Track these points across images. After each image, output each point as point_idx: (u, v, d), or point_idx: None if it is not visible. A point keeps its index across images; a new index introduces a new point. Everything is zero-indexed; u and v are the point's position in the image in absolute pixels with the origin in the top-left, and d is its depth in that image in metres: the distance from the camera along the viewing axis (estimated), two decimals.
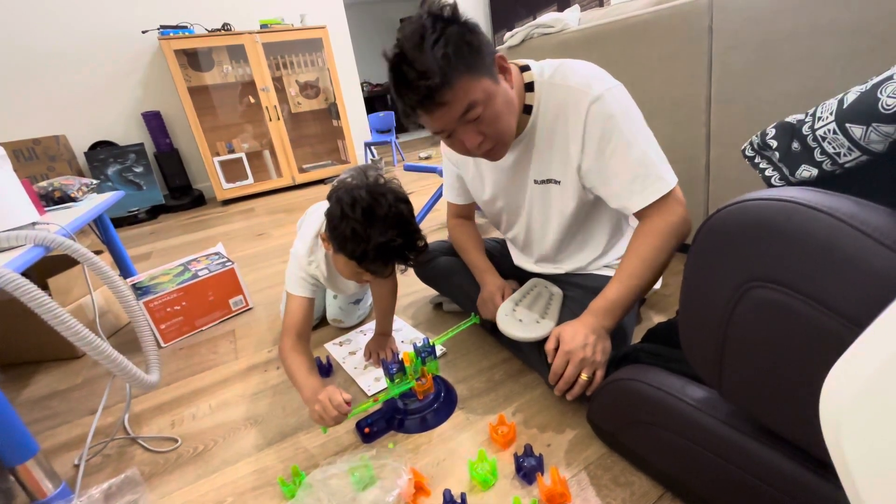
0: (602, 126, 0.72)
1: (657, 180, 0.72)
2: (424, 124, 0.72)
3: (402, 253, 0.80)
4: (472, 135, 0.71)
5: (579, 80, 0.74)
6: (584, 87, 0.73)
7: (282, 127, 3.25)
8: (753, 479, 0.50)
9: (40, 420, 1.03)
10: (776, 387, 0.42)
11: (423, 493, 0.70)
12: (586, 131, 0.73)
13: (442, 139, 0.76)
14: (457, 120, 0.69)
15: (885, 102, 0.40)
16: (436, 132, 0.73)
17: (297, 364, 0.86)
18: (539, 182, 0.85)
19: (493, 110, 0.70)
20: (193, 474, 0.82)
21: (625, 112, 0.73)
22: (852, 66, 0.84)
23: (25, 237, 0.80)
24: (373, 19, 6.39)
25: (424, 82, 0.63)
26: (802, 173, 0.50)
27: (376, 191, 0.78)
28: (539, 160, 0.83)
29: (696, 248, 0.46)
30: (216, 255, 1.51)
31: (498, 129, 0.72)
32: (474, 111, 0.68)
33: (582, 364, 0.70)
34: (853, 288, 0.34)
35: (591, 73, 0.75)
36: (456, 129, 0.71)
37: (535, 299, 0.90)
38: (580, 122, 0.73)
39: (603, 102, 0.72)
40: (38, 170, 2.73)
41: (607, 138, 0.72)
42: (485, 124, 0.70)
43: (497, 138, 0.73)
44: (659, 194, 0.72)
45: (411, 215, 0.82)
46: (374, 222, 0.76)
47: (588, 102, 0.72)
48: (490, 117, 0.70)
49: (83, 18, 2.92)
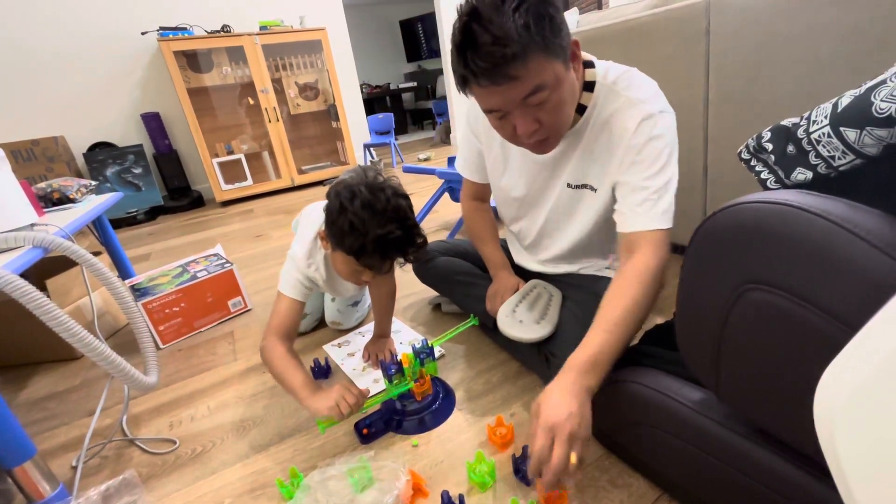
0: (646, 141, 0.70)
1: (663, 214, 0.70)
2: (478, 98, 0.67)
3: (401, 246, 0.79)
4: (529, 121, 0.66)
5: (640, 94, 0.72)
6: (642, 101, 0.71)
7: (281, 128, 3.25)
8: (750, 480, 0.50)
9: (38, 421, 1.03)
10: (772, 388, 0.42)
11: (422, 495, 0.70)
12: (630, 144, 0.72)
13: (490, 118, 0.71)
14: (520, 100, 0.63)
15: (878, 106, 0.40)
16: (489, 109, 0.67)
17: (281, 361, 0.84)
18: (573, 186, 0.83)
19: (559, 98, 0.65)
20: (192, 476, 0.82)
21: (668, 140, 0.71)
22: (848, 69, 0.85)
23: (24, 238, 0.80)
24: (372, 21, 6.40)
25: (500, 49, 0.57)
26: (797, 176, 0.50)
27: (375, 186, 0.79)
28: (579, 164, 0.80)
29: (693, 250, 0.47)
30: (215, 256, 1.51)
31: (557, 120, 0.68)
32: (540, 94, 0.63)
33: (571, 441, 0.55)
34: (846, 290, 0.34)
35: (654, 92, 0.73)
36: (512, 111, 0.65)
37: (534, 300, 0.91)
38: (627, 134, 0.72)
39: (653, 121, 0.70)
40: (36, 171, 2.73)
41: (645, 154, 0.71)
42: (546, 112, 0.65)
43: (553, 130, 0.69)
44: (659, 226, 0.69)
45: (410, 210, 0.81)
46: (372, 215, 0.76)
47: (641, 117, 0.70)
48: (553, 105, 0.65)
49: (82, 19, 2.92)
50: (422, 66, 6.75)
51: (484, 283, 1.04)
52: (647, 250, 0.68)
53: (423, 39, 6.40)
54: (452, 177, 1.85)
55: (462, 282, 1.10)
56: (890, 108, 0.39)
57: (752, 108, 1.02)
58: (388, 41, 6.66)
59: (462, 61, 0.61)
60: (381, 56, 6.68)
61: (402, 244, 0.79)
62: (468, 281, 1.09)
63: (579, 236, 0.88)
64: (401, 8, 6.37)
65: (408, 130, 6.73)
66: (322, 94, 3.57)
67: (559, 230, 0.91)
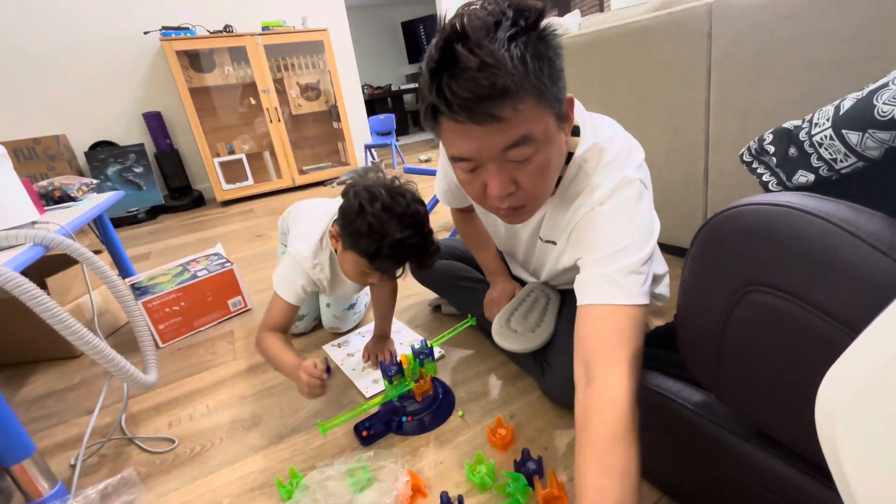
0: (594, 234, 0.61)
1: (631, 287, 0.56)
2: (447, 139, 0.54)
3: (417, 252, 0.80)
4: (506, 180, 0.54)
5: (599, 179, 0.62)
6: (598, 186, 0.62)
7: (282, 128, 3.25)
8: (750, 482, 0.50)
9: (37, 420, 1.03)
10: (773, 391, 0.42)
11: (421, 496, 0.70)
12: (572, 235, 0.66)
13: (457, 169, 0.58)
14: (499, 151, 0.51)
15: (880, 109, 0.40)
16: (459, 157, 0.54)
17: (275, 346, 0.87)
18: (544, 241, 0.78)
19: (545, 160, 0.54)
20: (190, 475, 0.82)
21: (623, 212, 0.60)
22: (849, 72, 0.85)
23: (25, 236, 0.80)
24: (374, 22, 6.41)
25: (487, 76, 0.46)
26: (799, 179, 0.50)
27: (395, 190, 0.80)
28: (548, 223, 0.73)
29: (694, 252, 0.47)
30: (215, 255, 1.51)
31: (537, 186, 0.57)
32: (525, 148, 0.51)
33: None
34: (849, 293, 0.34)
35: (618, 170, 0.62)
36: (486, 164, 0.54)
37: (531, 307, 0.90)
38: (572, 224, 0.66)
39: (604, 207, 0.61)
40: (38, 169, 2.73)
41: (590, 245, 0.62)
42: (526, 174, 0.54)
43: (530, 198, 0.58)
44: (627, 300, 0.55)
45: (426, 217, 0.82)
46: (391, 218, 0.76)
47: (590, 205, 0.62)
48: (537, 167, 0.54)
49: (85, 19, 2.93)
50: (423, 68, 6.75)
51: (483, 286, 1.04)
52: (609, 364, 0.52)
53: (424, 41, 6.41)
54: None
55: (461, 286, 1.09)
56: (892, 110, 0.39)
57: (754, 110, 1.02)
58: (389, 42, 6.67)
59: (435, 87, 0.48)
60: (383, 57, 6.69)
61: (417, 250, 0.80)
62: (467, 285, 1.08)
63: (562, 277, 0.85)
64: (403, 9, 6.39)
65: (409, 131, 6.74)
66: (323, 94, 3.57)
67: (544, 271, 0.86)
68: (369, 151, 3.91)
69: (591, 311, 0.57)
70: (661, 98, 1.20)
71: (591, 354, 0.55)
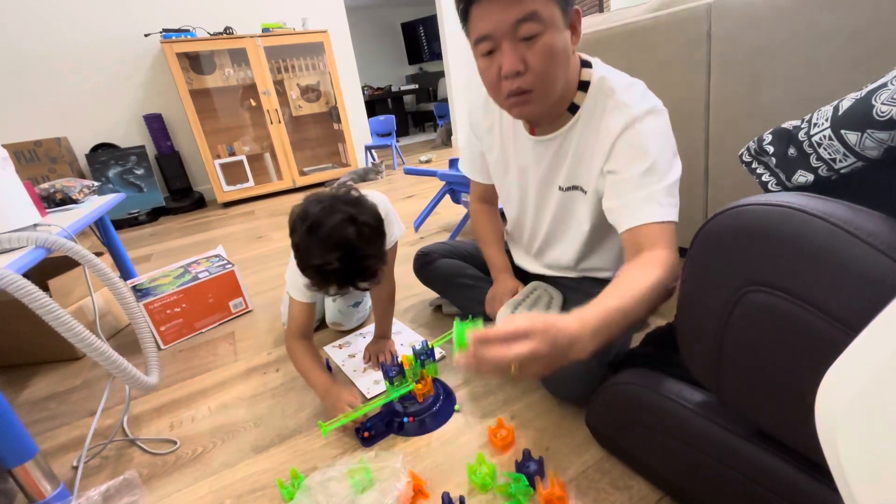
0: (629, 145, 0.69)
1: (666, 205, 0.66)
2: (473, 26, 0.66)
3: (341, 278, 0.76)
4: (516, 57, 0.64)
5: (627, 97, 0.71)
6: (627, 104, 0.70)
7: (283, 130, 3.26)
8: (751, 482, 0.50)
9: (39, 421, 1.03)
10: (773, 390, 0.42)
11: (422, 496, 0.70)
12: (613, 147, 0.71)
13: (479, 58, 0.69)
14: (512, 24, 0.62)
15: (879, 109, 0.40)
16: (481, 37, 0.65)
17: (306, 364, 0.93)
18: (564, 189, 0.81)
19: (549, 43, 0.63)
20: (192, 476, 0.82)
21: (657, 135, 0.69)
22: (849, 72, 0.85)
23: (27, 238, 0.80)
24: (374, 23, 6.42)
25: None
26: (799, 179, 0.50)
27: (331, 208, 0.76)
28: (571, 165, 0.79)
29: (694, 252, 0.47)
30: (216, 257, 1.52)
31: (545, 68, 0.65)
32: (533, 24, 0.61)
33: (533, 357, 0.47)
34: (848, 292, 0.34)
35: (641, 94, 0.72)
36: (502, 44, 0.64)
37: (534, 302, 0.91)
38: (611, 138, 0.71)
39: (639, 124, 0.69)
40: (39, 171, 2.74)
41: (630, 157, 0.69)
42: (534, 53, 0.64)
43: (538, 81, 0.66)
44: (664, 217, 0.65)
45: (362, 239, 0.76)
46: (316, 242, 0.74)
47: (626, 120, 0.69)
48: (542, 48, 0.63)
49: (86, 21, 2.94)
50: (423, 69, 6.76)
51: (484, 285, 1.05)
52: (658, 246, 0.64)
53: (424, 42, 6.42)
54: (454, 179, 1.85)
55: (462, 284, 1.10)
56: (891, 110, 0.39)
57: (754, 110, 1.02)
58: (389, 43, 6.68)
59: None
60: (383, 58, 6.70)
61: (342, 276, 0.76)
62: (468, 284, 1.09)
63: (580, 243, 0.87)
64: (402, 10, 6.39)
65: (409, 132, 6.74)
66: (324, 96, 3.58)
67: (560, 237, 0.90)
68: (369, 152, 3.91)
69: (640, 229, 0.66)
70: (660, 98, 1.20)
71: (642, 247, 0.65)
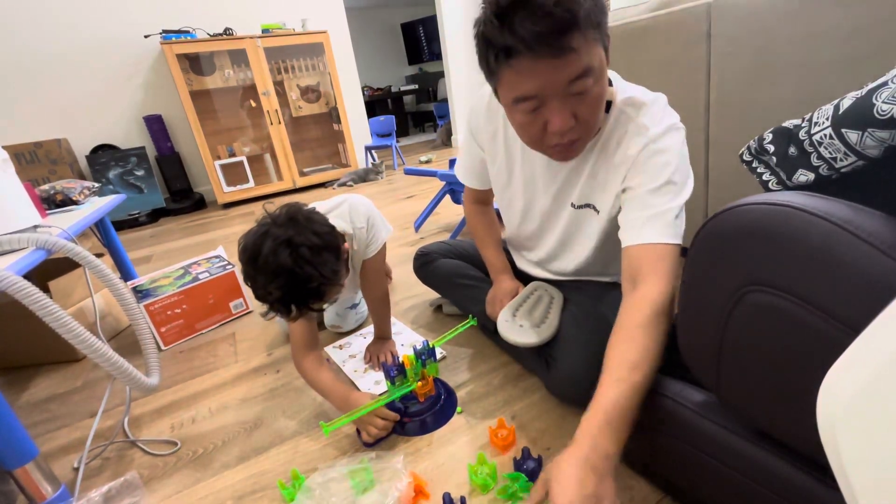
0: (644, 166, 0.66)
1: (670, 227, 0.63)
2: (514, 81, 0.58)
3: (288, 303, 0.75)
4: (567, 114, 0.59)
5: (647, 119, 0.67)
6: (647, 126, 0.66)
7: (283, 130, 3.26)
8: (752, 482, 0.50)
9: (40, 423, 1.03)
10: (773, 390, 0.42)
11: (423, 497, 0.70)
12: (631, 169, 0.68)
13: (518, 113, 0.62)
14: (565, 84, 0.56)
15: (880, 108, 0.40)
16: (524, 97, 0.58)
17: (320, 381, 0.88)
18: (577, 206, 0.79)
19: (600, 91, 0.59)
20: (193, 478, 0.82)
21: (672, 155, 0.65)
22: (849, 71, 0.85)
23: (27, 240, 0.80)
24: (374, 24, 6.42)
25: (563, 11, 0.50)
26: (799, 178, 0.50)
27: (265, 234, 0.74)
28: (585, 184, 0.76)
29: (694, 252, 0.47)
30: (216, 258, 1.52)
31: (593, 117, 0.62)
32: (586, 80, 0.56)
33: None
34: (848, 292, 0.34)
35: (661, 114, 0.68)
36: (550, 101, 0.58)
37: (535, 303, 0.91)
38: (629, 162, 0.68)
39: (656, 145, 0.66)
40: (39, 173, 2.74)
41: (645, 177, 0.66)
42: (585, 105, 0.59)
43: (585, 130, 0.63)
44: (665, 239, 0.62)
45: (300, 262, 0.73)
46: (255, 272, 0.74)
47: (643, 143, 0.66)
48: (594, 98, 0.59)
49: (86, 22, 2.94)
50: (423, 69, 6.76)
51: (484, 285, 1.05)
52: (653, 277, 0.61)
53: (424, 42, 6.42)
54: (454, 179, 1.85)
55: (462, 284, 1.10)
56: (891, 109, 0.39)
57: (754, 110, 1.02)
58: (389, 44, 6.68)
59: (507, 27, 0.52)
60: (383, 59, 6.70)
61: (286, 302, 0.75)
62: (468, 283, 1.09)
63: (586, 256, 0.85)
64: (402, 11, 6.39)
65: (409, 133, 6.74)
66: (324, 96, 3.58)
67: (567, 251, 0.88)
68: (369, 153, 3.91)
69: (644, 248, 0.64)
70: None
71: (640, 271, 0.63)
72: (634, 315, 0.58)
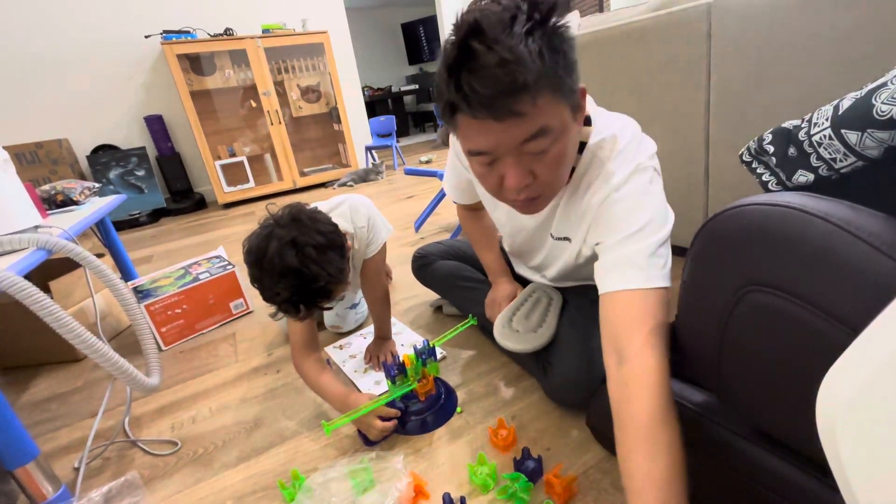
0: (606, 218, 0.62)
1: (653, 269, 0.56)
2: (464, 135, 0.55)
3: (295, 303, 0.75)
4: (523, 172, 0.56)
5: (614, 165, 0.62)
6: (613, 171, 0.62)
7: (283, 131, 3.26)
8: (751, 482, 0.50)
9: (40, 423, 1.03)
10: (773, 390, 0.42)
11: (423, 497, 0.70)
12: (593, 222, 0.65)
13: (474, 163, 0.59)
14: (517, 144, 0.53)
15: (879, 109, 0.40)
16: (477, 151, 0.56)
17: (319, 383, 0.87)
18: (556, 238, 0.78)
19: (560, 150, 0.55)
20: (193, 477, 0.82)
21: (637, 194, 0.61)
22: (849, 71, 0.85)
23: (28, 240, 0.80)
24: (374, 24, 6.42)
25: (507, 72, 0.46)
26: (799, 178, 0.50)
27: (270, 235, 0.74)
28: (559, 220, 0.74)
29: (694, 253, 0.47)
30: (217, 258, 1.52)
31: (553, 176, 0.58)
32: (542, 140, 0.52)
33: None
34: (848, 292, 0.34)
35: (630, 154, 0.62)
36: (504, 157, 0.55)
37: (533, 306, 0.90)
38: (591, 213, 0.65)
39: (617, 193, 0.61)
40: (40, 173, 2.74)
41: (609, 227, 0.62)
42: (543, 164, 0.56)
43: (546, 187, 0.60)
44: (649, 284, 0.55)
45: (306, 261, 0.73)
46: (261, 274, 0.74)
47: (606, 192, 0.62)
48: (553, 158, 0.55)
49: (86, 23, 2.94)
50: (423, 69, 6.76)
51: (483, 286, 1.04)
52: (636, 337, 0.53)
53: (424, 42, 6.42)
54: None
55: (461, 286, 1.10)
56: (891, 110, 0.39)
57: (754, 110, 1.02)
58: (389, 44, 6.68)
59: (454, 84, 0.49)
60: (383, 59, 6.70)
61: (295, 302, 0.75)
62: (467, 285, 1.09)
63: (571, 276, 0.86)
64: (402, 11, 6.40)
65: (409, 133, 6.74)
66: (324, 96, 3.58)
67: (558, 264, 0.86)
68: (370, 153, 3.91)
69: (615, 297, 0.57)
70: (660, 98, 1.20)
71: (620, 336, 0.55)
72: (640, 408, 0.50)
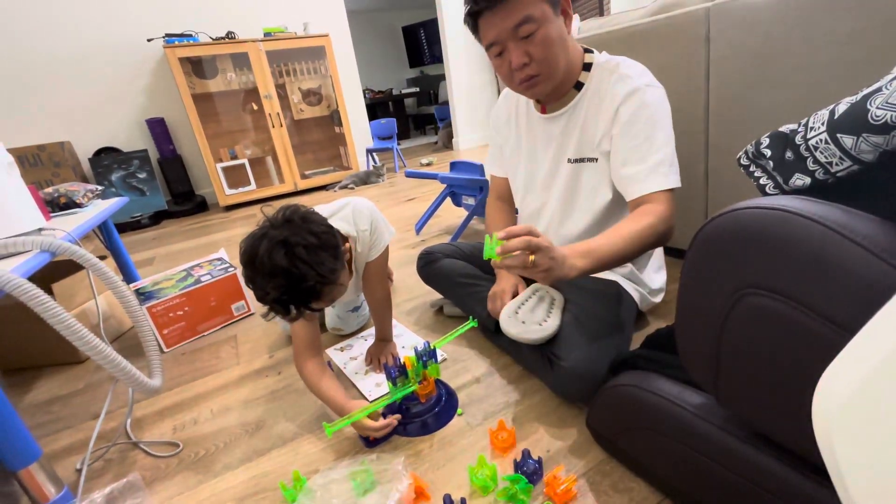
0: (634, 111, 0.79)
1: (669, 174, 0.78)
2: (482, 35, 0.79)
3: (287, 303, 0.75)
4: (520, 53, 0.76)
5: (629, 71, 0.81)
6: (629, 76, 0.80)
7: (284, 133, 3.27)
8: (749, 483, 0.50)
9: (43, 424, 1.04)
10: (770, 392, 0.42)
11: (424, 498, 0.71)
12: (618, 112, 0.80)
13: (492, 59, 0.81)
14: (511, 29, 0.74)
15: (874, 114, 0.41)
16: (490, 43, 0.78)
17: (318, 385, 0.88)
18: (573, 161, 0.90)
19: (545, 34, 0.75)
20: (195, 479, 0.82)
21: (655, 108, 0.79)
22: (846, 76, 0.85)
23: (32, 242, 0.81)
24: (375, 27, 6.45)
25: None
26: (796, 182, 0.51)
27: (262, 235, 0.75)
28: (579, 138, 0.88)
29: (692, 255, 0.47)
30: (218, 260, 1.52)
31: (546, 55, 0.77)
32: (529, 25, 0.73)
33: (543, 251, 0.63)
34: (843, 295, 0.35)
35: (642, 70, 0.83)
36: (507, 45, 0.77)
37: (537, 303, 0.91)
38: (615, 103, 0.80)
39: (641, 93, 0.79)
40: (43, 176, 2.75)
41: (635, 122, 0.79)
42: (535, 45, 0.76)
43: (542, 67, 0.78)
44: (667, 186, 0.77)
45: (296, 262, 0.73)
46: (254, 273, 0.75)
47: (628, 89, 0.79)
48: (541, 39, 0.75)
49: (89, 26, 2.96)
50: (424, 72, 6.78)
51: (485, 284, 1.05)
52: (657, 202, 0.77)
53: (425, 45, 6.43)
54: (454, 182, 1.86)
55: (464, 283, 1.11)
56: (886, 114, 0.40)
57: (752, 114, 1.03)
58: (390, 47, 6.70)
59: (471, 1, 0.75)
60: (384, 62, 6.72)
61: (284, 301, 0.75)
62: (470, 283, 1.10)
63: (588, 222, 0.92)
64: (403, 14, 6.42)
65: (410, 135, 6.75)
66: (325, 99, 3.59)
67: (569, 212, 0.95)
68: (371, 155, 3.92)
69: (644, 197, 0.79)
70: None
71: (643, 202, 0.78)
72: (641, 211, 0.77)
